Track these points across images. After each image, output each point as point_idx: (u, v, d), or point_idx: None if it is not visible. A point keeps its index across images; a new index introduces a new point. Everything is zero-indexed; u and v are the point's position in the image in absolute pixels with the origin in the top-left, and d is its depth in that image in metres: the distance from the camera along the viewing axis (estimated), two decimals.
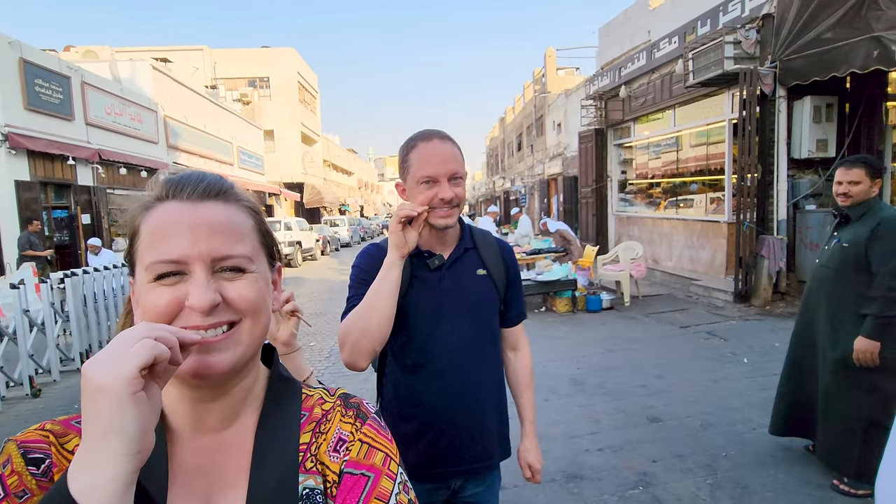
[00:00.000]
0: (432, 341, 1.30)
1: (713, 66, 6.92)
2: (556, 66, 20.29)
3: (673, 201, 9.70)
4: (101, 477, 0.40)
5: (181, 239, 0.53)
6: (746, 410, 3.60)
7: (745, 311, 6.52)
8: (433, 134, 1.27)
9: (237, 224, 0.57)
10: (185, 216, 0.54)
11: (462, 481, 1.37)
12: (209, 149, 16.27)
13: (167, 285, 0.53)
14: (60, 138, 9.52)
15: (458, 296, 1.33)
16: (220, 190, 0.57)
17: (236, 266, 0.55)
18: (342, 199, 33.85)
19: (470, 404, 1.34)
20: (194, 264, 0.53)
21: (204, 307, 0.52)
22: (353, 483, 0.56)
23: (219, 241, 0.54)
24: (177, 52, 22.16)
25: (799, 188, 6.81)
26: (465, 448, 1.33)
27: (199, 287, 0.52)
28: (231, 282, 0.55)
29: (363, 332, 1.18)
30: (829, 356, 2.63)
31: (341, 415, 0.61)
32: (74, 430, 0.54)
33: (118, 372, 0.41)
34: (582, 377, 4.50)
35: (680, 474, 2.83)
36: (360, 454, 0.58)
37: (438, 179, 1.23)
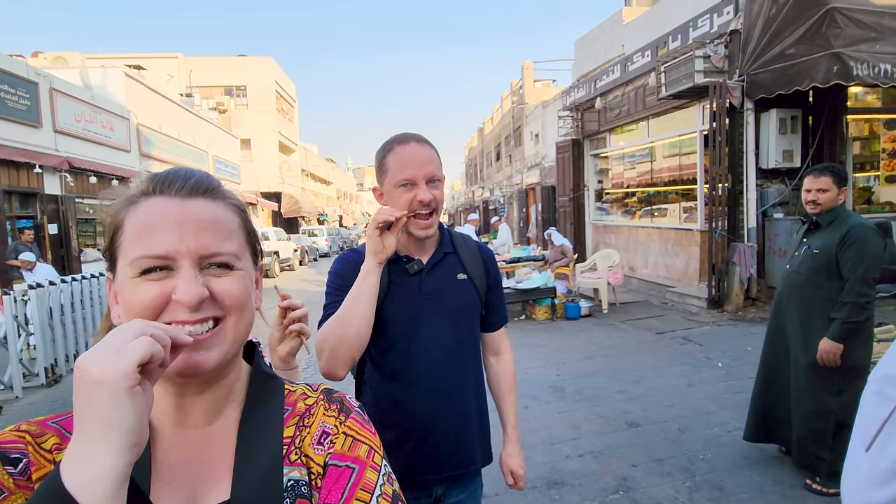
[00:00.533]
0: (413, 347, 1.28)
1: (684, 80, 7.14)
2: (533, 78, 20.63)
3: (648, 210, 9.91)
4: (96, 471, 0.40)
5: (169, 234, 0.53)
6: (722, 413, 3.67)
7: (719, 316, 6.67)
8: (410, 137, 1.26)
9: (225, 222, 0.57)
10: (173, 212, 0.54)
11: (444, 489, 1.35)
12: (184, 158, 15.95)
13: (153, 280, 0.53)
14: (27, 146, 9.20)
15: (438, 301, 1.31)
16: (209, 187, 0.58)
17: (224, 262, 0.55)
18: (320, 209, 33.54)
19: (452, 410, 1.32)
20: (182, 260, 0.53)
21: (192, 301, 0.52)
22: (338, 475, 0.57)
23: (207, 238, 0.54)
24: (151, 60, 21.74)
25: (767, 197, 7.04)
26: (447, 455, 1.31)
27: (188, 281, 0.52)
28: (218, 278, 0.55)
29: (341, 339, 1.15)
30: (801, 360, 2.70)
31: (325, 408, 0.62)
32: (51, 430, 0.54)
33: (117, 366, 0.42)
34: (561, 384, 4.53)
35: (659, 478, 2.86)
36: (345, 447, 0.59)
37: (416, 182, 1.22)
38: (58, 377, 5.31)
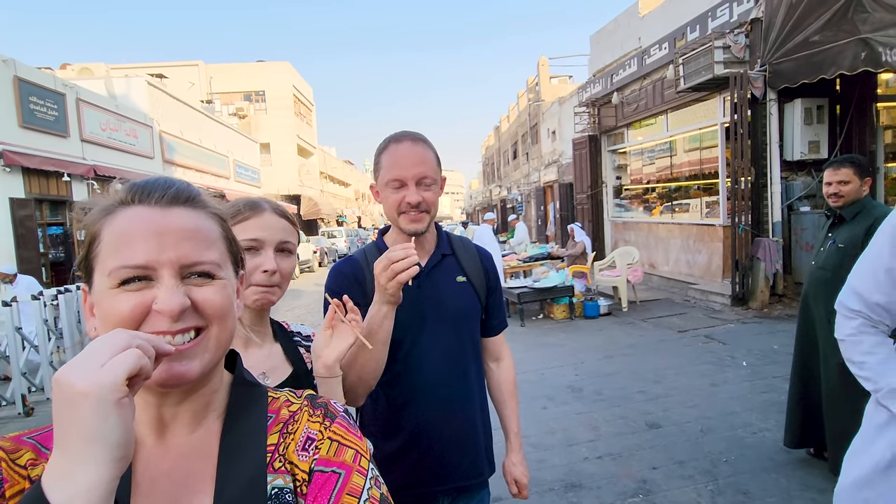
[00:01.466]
0: (414, 353, 1.25)
1: (703, 71, 6.96)
2: (548, 75, 20.44)
3: (668, 206, 9.71)
4: (82, 486, 0.39)
5: (149, 244, 0.52)
6: (747, 414, 3.56)
7: (743, 314, 6.49)
8: (405, 135, 1.24)
9: (206, 231, 0.57)
10: (153, 221, 0.53)
11: (450, 500, 1.31)
12: (205, 163, 16.29)
13: (132, 290, 0.52)
14: (55, 155, 9.52)
15: (438, 304, 1.28)
16: (189, 196, 0.57)
17: (205, 272, 0.55)
18: (339, 211, 33.87)
19: (457, 418, 1.29)
20: (162, 270, 0.52)
21: (174, 311, 0.51)
22: (324, 480, 0.56)
23: (188, 247, 0.54)
24: (172, 68, 22.27)
25: (793, 190, 6.82)
26: (454, 465, 1.28)
27: (169, 291, 0.52)
28: (200, 287, 0.54)
29: (359, 380, 1.11)
30: (832, 360, 2.59)
31: (309, 414, 0.61)
32: (26, 446, 0.53)
33: (104, 378, 0.41)
34: (580, 384, 4.46)
35: (680, 481, 2.79)
36: (330, 452, 0.58)
37: (406, 182, 1.19)
38: None
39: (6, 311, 4.75)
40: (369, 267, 1.27)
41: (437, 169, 1.24)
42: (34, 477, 0.52)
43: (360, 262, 1.30)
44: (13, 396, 4.67)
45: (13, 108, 8.75)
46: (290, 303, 10.56)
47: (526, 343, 6.02)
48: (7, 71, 8.68)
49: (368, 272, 1.26)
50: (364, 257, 1.31)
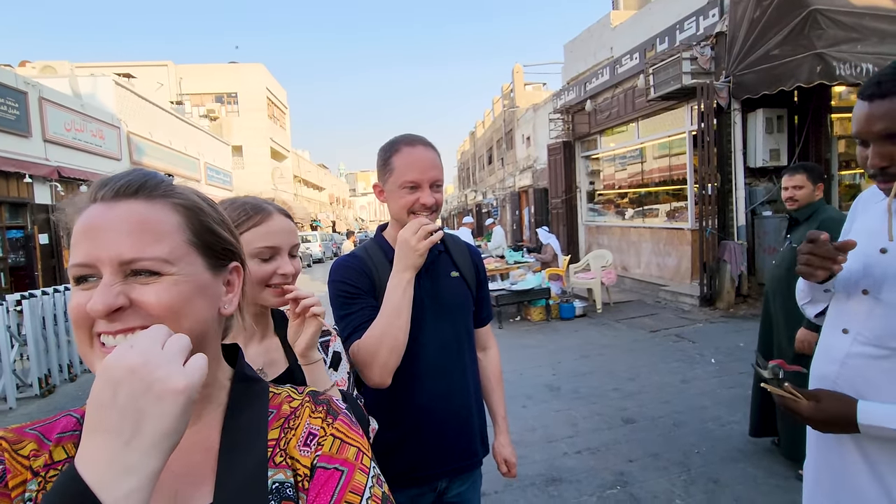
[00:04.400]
0: (415, 345, 1.29)
1: (672, 81, 7.25)
2: (523, 82, 20.79)
3: (639, 210, 10.02)
4: (144, 478, 0.40)
5: (90, 241, 0.51)
6: (715, 408, 3.73)
7: (711, 314, 6.76)
8: (418, 140, 1.30)
9: (154, 223, 0.53)
10: (95, 218, 0.52)
11: (447, 482, 1.38)
12: (175, 165, 15.89)
13: (83, 289, 0.52)
14: (16, 155, 9.13)
15: (436, 298, 1.35)
16: (140, 187, 0.54)
17: (151, 268, 0.52)
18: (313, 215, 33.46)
19: (454, 404, 1.36)
20: (103, 267, 0.51)
21: (98, 311, 0.49)
22: (326, 477, 0.56)
23: (127, 243, 0.51)
24: (141, 68, 21.64)
25: (755, 195, 7.16)
26: (452, 448, 1.35)
27: (99, 291, 0.50)
28: (146, 285, 0.52)
29: (392, 350, 1.16)
30: (788, 353, 2.76)
31: (310, 410, 0.61)
32: (29, 437, 0.53)
33: (194, 380, 0.43)
34: (558, 383, 4.57)
35: (655, 472, 2.91)
36: (333, 449, 0.58)
37: (421, 186, 1.26)
38: (52, 387, 5.27)
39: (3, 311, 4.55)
40: (372, 261, 1.33)
41: (443, 173, 1.33)
42: (36, 468, 0.52)
43: (363, 257, 1.34)
44: (4, 392, 4.58)
45: None
46: None
47: (504, 344, 6.10)
48: None
49: (373, 265, 1.32)
50: (366, 253, 1.36)
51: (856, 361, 1.08)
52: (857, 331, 1.10)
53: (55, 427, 0.55)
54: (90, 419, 0.41)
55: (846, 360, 1.11)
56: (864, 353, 1.07)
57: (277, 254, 1.00)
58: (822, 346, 1.23)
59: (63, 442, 0.54)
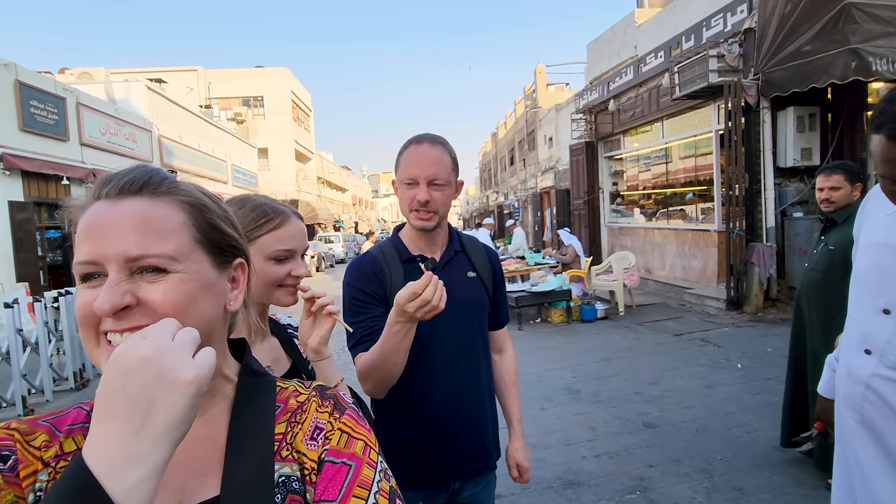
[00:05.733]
0: (429, 344, 1.30)
1: (698, 79, 7.10)
2: (546, 82, 20.64)
3: (664, 212, 9.83)
4: (153, 468, 0.40)
5: (96, 239, 0.51)
6: (741, 415, 3.63)
7: (738, 317, 6.58)
8: (425, 138, 1.31)
9: (159, 220, 0.53)
10: (102, 215, 0.52)
11: (461, 482, 1.37)
12: (203, 167, 16.34)
13: (90, 287, 0.52)
14: (55, 158, 9.55)
15: (451, 297, 1.32)
16: (144, 184, 0.54)
17: (153, 266, 0.52)
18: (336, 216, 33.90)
19: (469, 405, 1.35)
20: (109, 265, 0.51)
21: (104, 310, 0.49)
22: (334, 472, 0.56)
23: (132, 240, 0.51)
24: (171, 73, 22.34)
25: (786, 196, 6.94)
26: (465, 449, 1.34)
27: (105, 289, 0.50)
28: (152, 283, 0.52)
29: (384, 378, 1.18)
30: (822, 359, 2.66)
31: (317, 405, 0.61)
32: (41, 429, 0.54)
33: (205, 370, 0.43)
34: (577, 386, 4.52)
35: (676, 478, 2.85)
36: (341, 443, 0.58)
37: (418, 182, 1.27)
38: (86, 381, 5.48)
39: (7, 312, 4.77)
40: (387, 263, 1.34)
41: (451, 172, 1.31)
42: (47, 459, 0.53)
43: (378, 259, 1.35)
44: (13, 398, 4.67)
45: (14, 112, 8.79)
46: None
47: (524, 346, 6.07)
48: (8, 75, 8.73)
49: (387, 268, 1.32)
50: (381, 254, 1.36)
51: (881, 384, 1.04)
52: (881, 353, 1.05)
53: (66, 419, 0.57)
54: (99, 408, 0.41)
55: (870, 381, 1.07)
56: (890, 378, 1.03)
57: (292, 256, 1.03)
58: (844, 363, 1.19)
59: (74, 434, 0.55)
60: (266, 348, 1.06)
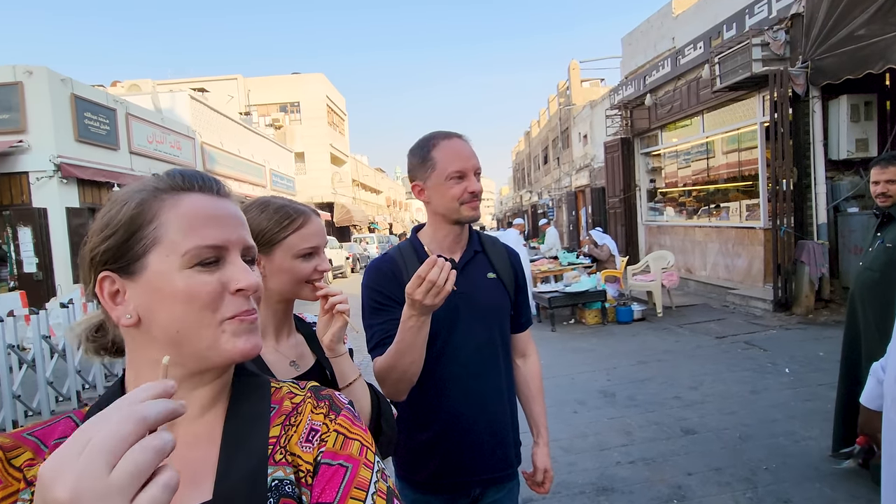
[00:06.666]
0: (449, 347, 1.28)
1: (741, 70, 6.78)
2: (580, 79, 20.26)
3: (706, 209, 9.44)
4: None
5: (223, 227, 0.56)
6: (788, 422, 3.43)
7: (786, 319, 6.23)
8: (453, 133, 1.30)
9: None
10: (220, 207, 0.58)
11: (482, 489, 1.34)
12: (243, 172, 16.93)
13: (211, 271, 0.54)
14: (106, 166, 10.12)
15: (471, 299, 1.31)
16: (230, 190, 0.63)
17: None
18: (371, 218, 34.41)
19: (489, 410, 1.32)
20: (233, 250, 0.57)
21: (256, 286, 0.56)
22: (331, 474, 0.56)
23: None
24: (213, 82, 23.28)
25: (839, 190, 6.52)
26: (486, 456, 1.31)
27: (245, 271, 0.56)
28: (254, 271, 0.59)
29: (401, 378, 1.17)
30: None
31: (312, 406, 0.61)
32: (26, 444, 0.52)
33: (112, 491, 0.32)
34: (612, 389, 4.39)
35: (717, 487, 2.71)
36: (337, 445, 0.58)
37: (467, 174, 1.26)
38: None
39: (63, 312, 5.04)
40: (405, 262, 1.32)
41: None
42: (30, 478, 0.50)
43: (396, 260, 1.33)
44: (39, 407, 4.56)
45: (70, 124, 9.37)
46: None
47: (557, 348, 5.96)
48: (65, 89, 9.31)
49: (405, 269, 1.30)
50: (400, 255, 1.35)
51: None
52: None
53: (54, 431, 0.55)
54: None
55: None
56: None
57: (317, 252, 1.06)
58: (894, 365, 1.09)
59: None
60: (291, 343, 1.08)
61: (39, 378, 4.60)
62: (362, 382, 1.03)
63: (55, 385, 4.81)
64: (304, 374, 1.04)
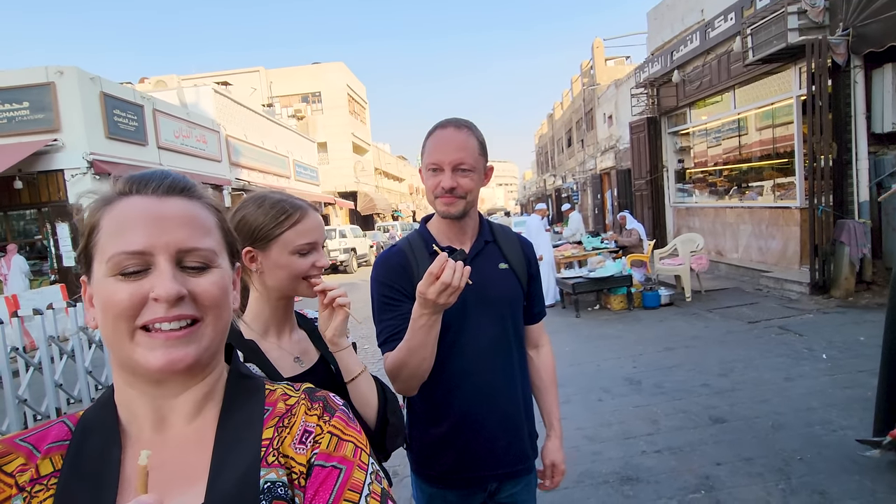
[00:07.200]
0: (460, 340, 1.25)
1: (775, 40, 6.42)
2: (604, 57, 19.66)
3: (737, 189, 9.08)
4: None
5: (147, 230, 0.53)
6: (826, 411, 3.28)
7: (824, 303, 5.96)
8: (450, 122, 1.24)
9: (202, 219, 0.57)
10: (150, 209, 0.54)
11: (498, 483, 1.32)
12: (267, 164, 17.16)
13: (130, 280, 0.52)
14: (136, 162, 10.40)
15: (481, 291, 1.26)
16: (185, 186, 0.58)
17: (202, 260, 0.55)
18: (394, 206, 34.53)
19: (501, 403, 1.29)
20: (159, 256, 0.53)
21: (171, 296, 0.51)
22: (325, 476, 0.56)
23: (185, 233, 0.54)
24: (236, 76, 23.60)
25: (883, 166, 6.15)
26: (501, 450, 1.29)
27: (165, 277, 0.52)
28: (196, 278, 0.54)
29: (413, 374, 1.15)
30: None
31: (306, 408, 0.60)
32: (19, 450, 0.53)
33: None
34: (638, 376, 4.30)
35: (747, 478, 2.63)
36: (330, 446, 0.57)
37: (442, 168, 1.20)
38: None
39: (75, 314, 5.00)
40: (414, 255, 1.29)
41: (478, 156, 1.24)
42: (22, 483, 0.51)
43: (405, 252, 1.31)
44: (48, 410, 4.40)
45: (100, 121, 9.64)
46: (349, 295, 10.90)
47: (581, 334, 5.87)
48: (95, 87, 9.56)
49: (414, 261, 1.27)
50: (409, 247, 1.32)
51: None
52: None
53: (48, 435, 0.55)
54: None
55: None
56: None
57: (314, 248, 1.04)
58: None
59: (51, 453, 0.53)
60: (295, 340, 1.08)
61: (79, 367, 4.78)
62: (367, 375, 1.02)
63: (94, 374, 5.00)
64: (309, 370, 1.03)
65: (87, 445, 0.53)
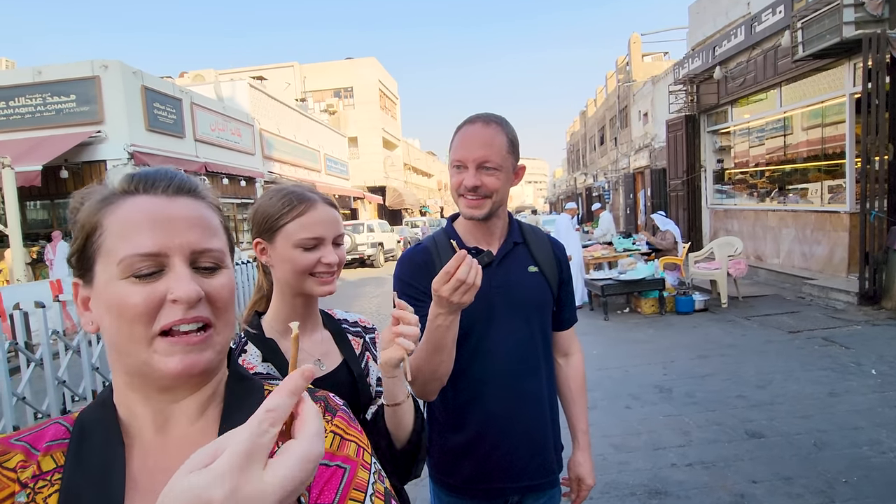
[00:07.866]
0: (484, 344, 1.20)
1: (828, 35, 6.06)
2: (641, 53, 19.10)
3: (781, 191, 8.66)
4: None
5: (159, 231, 0.51)
6: (874, 430, 3.07)
7: (874, 314, 5.61)
8: (479, 117, 1.18)
9: (209, 220, 0.56)
10: (161, 209, 0.53)
11: (519, 498, 1.26)
12: (299, 157, 17.45)
13: (145, 282, 0.51)
14: (174, 154, 10.73)
15: (508, 294, 1.21)
16: (192, 186, 0.57)
17: (214, 261, 0.55)
18: (422, 201, 34.63)
19: (527, 413, 1.23)
20: (174, 257, 0.52)
21: (191, 298, 0.50)
22: (329, 475, 0.55)
23: (197, 234, 0.53)
24: (271, 70, 24.05)
25: None
26: (524, 462, 1.22)
27: (183, 279, 0.51)
28: (209, 279, 0.54)
29: (430, 379, 1.09)
30: None
31: None
32: (16, 449, 0.53)
33: None
34: (669, 384, 4.13)
35: (786, 499, 2.47)
36: (333, 446, 0.57)
37: (466, 165, 1.15)
38: None
39: None
40: (439, 255, 1.24)
41: (505, 154, 1.16)
42: (24, 480, 0.51)
43: (430, 250, 1.26)
44: (49, 409, 4.01)
45: (141, 114, 9.97)
46: (374, 290, 10.99)
47: (609, 338, 5.71)
48: (136, 81, 9.89)
49: (438, 261, 1.22)
50: (434, 245, 1.27)
51: None
52: None
53: (44, 435, 0.55)
54: None
55: None
56: None
57: (321, 243, 0.98)
58: None
59: (52, 451, 0.53)
60: (316, 340, 1.03)
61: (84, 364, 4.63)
62: (410, 403, 0.94)
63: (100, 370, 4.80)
64: (330, 374, 0.98)
65: (88, 443, 0.53)
